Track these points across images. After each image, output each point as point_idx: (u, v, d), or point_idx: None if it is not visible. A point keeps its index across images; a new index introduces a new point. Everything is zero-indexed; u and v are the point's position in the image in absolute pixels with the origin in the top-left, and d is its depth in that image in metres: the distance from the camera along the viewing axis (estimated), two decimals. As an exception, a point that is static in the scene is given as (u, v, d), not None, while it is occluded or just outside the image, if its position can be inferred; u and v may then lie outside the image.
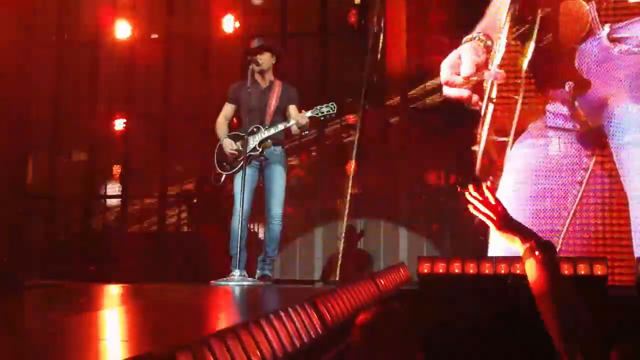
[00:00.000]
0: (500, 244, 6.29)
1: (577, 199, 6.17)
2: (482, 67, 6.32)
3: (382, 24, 9.65)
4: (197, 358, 2.21)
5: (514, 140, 6.24)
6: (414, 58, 9.49)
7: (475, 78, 6.25)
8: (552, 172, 6.14)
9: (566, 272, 4.95)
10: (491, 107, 6.26)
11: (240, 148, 6.24)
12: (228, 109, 6.52)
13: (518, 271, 5.12)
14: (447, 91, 6.54)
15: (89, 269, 8.40)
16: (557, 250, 5.89)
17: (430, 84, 8.86)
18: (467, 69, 6.32)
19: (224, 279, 5.89)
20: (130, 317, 3.97)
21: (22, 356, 2.41)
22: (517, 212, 6.12)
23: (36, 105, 8.46)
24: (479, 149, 6.36)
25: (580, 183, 6.16)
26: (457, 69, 6.43)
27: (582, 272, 5.03)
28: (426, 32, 9.35)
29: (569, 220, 6.07)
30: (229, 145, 6.32)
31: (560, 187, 6.12)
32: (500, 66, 6.21)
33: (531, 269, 2.11)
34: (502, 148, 6.28)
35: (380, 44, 9.42)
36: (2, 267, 5.00)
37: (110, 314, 4.02)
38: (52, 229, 9.76)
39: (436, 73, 8.83)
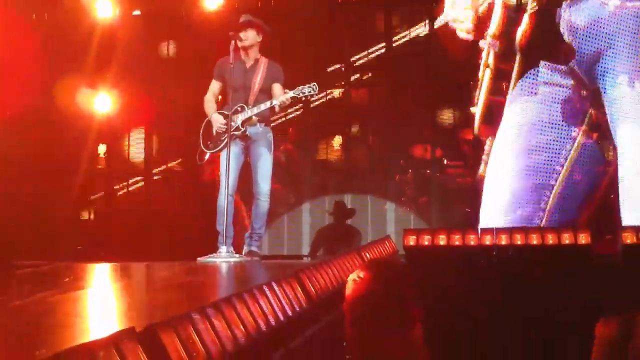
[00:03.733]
0: (489, 225, 6.30)
1: (570, 154, 6.18)
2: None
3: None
4: (179, 333, 2.22)
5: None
6: (398, 28, 9.51)
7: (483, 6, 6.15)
8: (547, 127, 6.14)
9: (550, 241, 4.97)
10: (488, 71, 6.25)
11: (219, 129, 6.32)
12: (215, 86, 6.56)
13: (503, 242, 5.14)
14: (447, 12, 6.41)
15: (76, 248, 8.40)
16: (548, 207, 5.90)
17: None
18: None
19: (211, 255, 5.90)
20: (116, 295, 3.98)
21: (9, 334, 2.42)
22: (512, 166, 6.12)
23: (22, 87, 8.41)
24: (477, 110, 6.36)
25: (575, 138, 6.16)
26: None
27: (567, 242, 5.06)
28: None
29: (561, 175, 6.07)
30: (219, 120, 6.34)
31: (555, 141, 6.11)
32: (496, 36, 6.17)
33: None
34: (499, 107, 6.27)
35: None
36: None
37: (96, 292, 4.02)
38: (39, 208, 9.72)
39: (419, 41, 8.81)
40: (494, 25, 6.09)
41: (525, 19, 5.96)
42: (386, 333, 2.04)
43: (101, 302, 3.60)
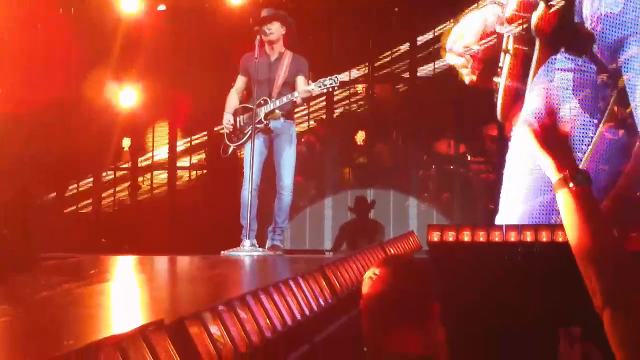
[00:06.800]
0: (510, 212, 6.28)
1: (593, 140, 6.12)
2: (488, 34, 6.25)
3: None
4: (206, 326, 2.22)
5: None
6: (420, 26, 9.45)
7: (476, 47, 6.19)
8: (568, 113, 6.08)
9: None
10: (508, 57, 6.21)
11: (242, 122, 6.39)
12: (239, 81, 6.59)
13: (528, 239, 5.12)
14: (448, 58, 6.50)
15: (100, 241, 8.46)
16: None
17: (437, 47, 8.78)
18: (469, 38, 6.28)
19: (235, 249, 5.91)
20: (140, 287, 4.00)
21: (36, 326, 2.44)
22: (532, 152, 6.07)
23: (42, 79, 8.46)
24: (499, 97, 6.32)
25: (597, 125, 6.10)
26: (461, 37, 6.39)
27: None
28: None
29: (582, 163, 6.01)
30: (227, 121, 6.46)
31: (577, 128, 6.06)
32: (511, 20, 6.14)
33: (564, 205, 1.69)
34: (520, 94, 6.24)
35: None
36: (19, 243, 5.02)
37: (120, 285, 4.05)
38: (63, 201, 9.80)
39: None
40: (511, 8, 6.07)
41: (542, 4, 5.93)
42: (404, 330, 2.02)
43: (126, 294, 3.62)
